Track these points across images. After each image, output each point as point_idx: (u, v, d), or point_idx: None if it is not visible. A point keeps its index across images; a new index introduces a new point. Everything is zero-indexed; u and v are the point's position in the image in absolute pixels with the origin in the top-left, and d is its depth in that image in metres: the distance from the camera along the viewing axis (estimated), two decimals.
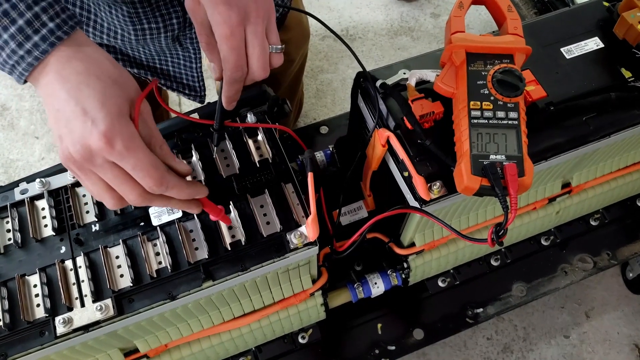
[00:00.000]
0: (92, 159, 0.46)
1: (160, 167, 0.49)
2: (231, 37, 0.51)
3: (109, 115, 0.46)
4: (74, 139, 0.46)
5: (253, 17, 0.52)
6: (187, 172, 0.55)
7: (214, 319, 0.68)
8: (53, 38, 0.46)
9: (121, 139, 0.46)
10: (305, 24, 1.05)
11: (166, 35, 0.74)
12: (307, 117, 1.58)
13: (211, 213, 0.58)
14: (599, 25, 0.74)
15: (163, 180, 0.49)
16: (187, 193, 0.53)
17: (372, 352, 0.86)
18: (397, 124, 0.65)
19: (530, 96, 0.65)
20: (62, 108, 0.46)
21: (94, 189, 0.49)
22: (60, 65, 0.47)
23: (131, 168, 0.47)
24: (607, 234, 0.99)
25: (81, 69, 0.47)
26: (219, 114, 0.62)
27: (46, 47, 0.46)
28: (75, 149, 0.46)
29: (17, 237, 0.60)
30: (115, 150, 0.45)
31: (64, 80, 0.46)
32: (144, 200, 0.50)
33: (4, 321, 0.55)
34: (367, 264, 0.88)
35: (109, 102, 0.46)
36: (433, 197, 0.61)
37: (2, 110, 1.61)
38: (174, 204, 0.54)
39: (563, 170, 0.76)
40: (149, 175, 0.48)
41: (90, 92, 0.46)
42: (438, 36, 1.74)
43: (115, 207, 0.51)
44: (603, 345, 1.22)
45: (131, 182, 0.48)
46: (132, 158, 0.46)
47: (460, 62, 0.61)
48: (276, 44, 0.55)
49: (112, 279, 0.58)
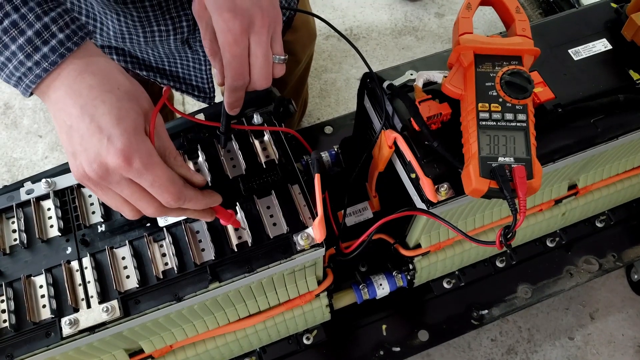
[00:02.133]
0: (109, 177, 0.45)
1: (178, 182, 0.48)
2: (234, 45, 0.50)
3: (126, 132, 0.45)
4: (89, 157, 0.45)
5: (258, 27, 0.51)
6: (202, 182, 0.54)
7: (219, 319, 0.68)
8: (63, 49, 0.45)
9: (139, 157, 0.45)
10: (312, 24, 1.04)
11: (175, 38, 0.74)
12: (311, 116, 1.58)
13: (223, 219, 0.58)
14: (607, 26, 0.74)
15: (181, 195, 0.48)
16: (203, 204, 0.52)
17: (377, 353, 0.86)
18: (404, 125, 0.64)
19: (539, 98, 0.65)
20: (76, 125, 0.45)
21: (112, 203, 0.49)
22: (71, 80, 0.45)
23: (149, 185, 0.46)
24: (612, 235, 0.98)
25: (94, 83, 0.46)
26: (224, 117, 0.62)
27: (55, 58, 0.45)
28: (92, 167, 0.45)
29: (22, 237, 0.60)
30: (133, 168, 0.45)
31: (76, 96, 0.45)
32: (161, 213, 0.49)
33: (10, 322, 0.55)
34: (372, 265, 0.87)
35: (124, 118, 0.45)
36: (440, 199, 0.61)
37: (5, 108, 1.61)
38: (189, 214, 0.53)
39: (570, 172, 0.76)
40: (167, 191, 0.47)
41: (106, 109, 0.45)
42: (442, 36, 1.74)
43: (134, 218, 0.50)
44: (607, 347, 1.22)
45: (148, 197, 0.47)
46: (150, 175, 0.46)
47: (469, 64, 0.61)
48: (280, 54, 0.54)
49: (118, 280, 0.58)
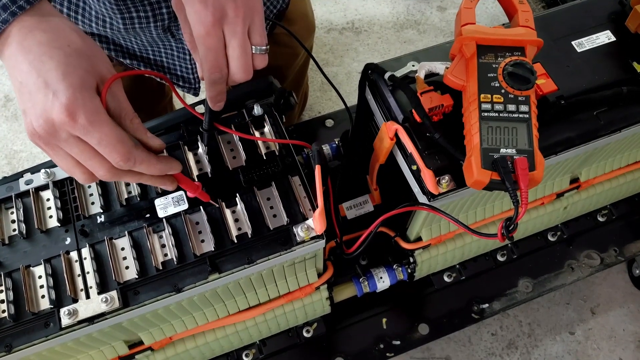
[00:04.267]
0: (56, 133, 0.45)
1: (127, 142, 0.47)
2: (207, 36, 0.49)
3: (71, 87, 0.44)
4: (36, 112, 0.44)
5: (231, 17, 0.49)
6: (159, 147, 0.53)
7: (219, 311, 0.68)
8: (14, 7, 0.45)
9: (84, 112, 0.44)
10: (311, 16, 1.04)
11: (156, 25, 0.73)
12: (312, 110, 1.57)
13: (188, 189, 0.57)
14: (610, 18, 0.73)
15: (130, 155, 0.47)
16: (157, 169, 0.52)
17: (377, 346, 0.86)
18: (405, 116, 0.64)
19: (541, 90, 0.64)
20: (25, 80, 0.45)
21: (63, 165, 0.48)
22: (22, 36, 0.45)
23: (96, 143, 0.46)
24: (614, 230, 0.98)
25: (44, 39, 0.45)
26: (207, 114, 0.61)
27: (7, 16, 0.44)
28: (39, 123, 0.44)
29: (22, 227, 0.60)
30: (78, 124, 0.44)
31: (25, 52, 0.45)
32: (114, 176, 0.49)
33: (9, 312, 0.55)
34: (373, 258, 0.87)
35: (71, 73, 0.45)
36: (442, 191, 0.60)
37: (5, 101, 1.61)
38: (145, 180, 0.53)
39: (572, 165, 0.76)
40: (115, 150, 0.46)
41: (52, 64, 0.44)
42: (444, 30, 1.73)
43: (87, 182, 0.49)
44: (608, 342, 1.22)
45: (98, 157, 0.47)
46: (96, 132, 0.45)
47: (471, 55, 0.60)
48: (260, 44, 0.52)
49: (118, 271, 0.57)
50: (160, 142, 0.53)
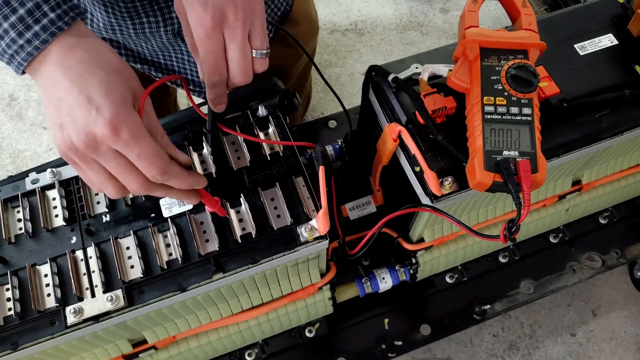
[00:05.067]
0: (97, 147, 0.46)
1: (164, 157, 0.49)
2: (206, 39, 0.50)
3: (114, 103, 0.45)
4: (77, 127, 0.45)
5: (231, 20, 0.50)
6: (187, 162, 0.55)
7: (223, 311, 0.68)
8: (54, 28, 0.46)
9: (127, 127, 0.45)
10: (314, 17, 1.04)
11: (166, 30, 0.74)
12: (315, 111, 1.58)
13: (208, 204, 0.58)
14: (613, 22, 0.73)
15: (167, 170, 0.49)
16: (188, 183, 0.53)
17: (379, 347, 0.87)
18: (409, 118, 0.64)
19: (544, 92, 0.65)
20: (65, 97, 0.45)
21: (96, 178, 0.49)
22: (62, 55, 0.46)
23: (136, 157, 0.47)
24: (616, 232, 0.98)
25: (85, 58, 0.46)
26: (210, 115, 0.61)
27: (47, 37, 0.46)
28: (79, 137, 0.45)
29: (28, 226, 0.60)
30: (121, 138, 0.45)
31: (66, 69, 0.46)
32: (146, 189, 0.50)
33: (15, 310, 0.55)
34: (375, 259, 0.88)
35: (113, 91, 0.46)
36: (444, 193, 0.61)
37: (10, 100, 1.62)
38: (174, 194, 0.54)
39: (574, 167, 0.76)
40: (153, 164, 0.47)
41: (95, 81, 0.46)
42: (447, 32, 1.73)
43: (117, 196, 0.50)
44: (610, 344, 1.22)
45: (134, 171, 0.48)
46: (137, 147, 0.46)
47: (474, 57, 0.61)
48: (260, 48, 0.53)
49: (123, 270, 0.58)
50: (188, 158, 0.55)
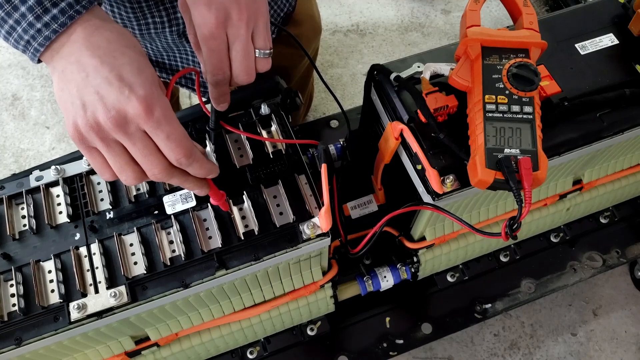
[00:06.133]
0: (126, 126, 0.45)
1: (190, 140, 0.48)
2: (210, 38, 0.50)
3: (147, 82, 0.45)
4: (107, 105, 0.44)
5: (235, 20, 0.50)
6: (202, 150, 0.55)
7: (225, 308, 0.69)
8: (72, 11, 0.45)
9: (160, 107, 0.45)
10: (317, 18, 1.04)
11: (171, 30, 0.74)
12: (317, 111, 1.58)
13: (214, 197, 0.58)
14: (614, 21, 0.74)
15: (192, 152, 0.48)
16: (207, 169, 0.52)
17: (380, 345, 0.87)
18: (410, 117, 0.65)
19: (545, 91, 0.65)
20: (93, 74, 0.44)
21: (115, 162, 0.47)
22: (88, 34, 0.45)
23: (165, 136, 0.46)
24: (616, 232, 0.98)
25: (112, 38, 0.46)
26: (213, 113, 0.62)
27: (65, 20, 0.45)
28: (109, 115, 0.44)
29: (32, 223, 0.61)
30: (153, 117, 0.44)
31: (94, 47, 0.45)
32: (165, 175, 0.49)
33: (19, 306, 0.56)
34: (377, 258, 0.88)
35: (145, 69, 0.45)
36: (446, 191, 0.61)
37: (13, 100, 1.62)
38: (189, 182, 0.53)
39: (575, 166, 0.76)
40: (181, 145, 0.47)
41: (126, 59, 0.45)
42: (449, 32, 1.74)
43: (135, 182, 0.49)
44: (610, 344, 1.22)
45: (158, 154, 0.47)
46: (167, 126, 0.45)
47: (476, 56, 0.61)
48: (263, 48, 0.53)
49: (126, 266, 0.58)
50: (202, 149, 0.55)
